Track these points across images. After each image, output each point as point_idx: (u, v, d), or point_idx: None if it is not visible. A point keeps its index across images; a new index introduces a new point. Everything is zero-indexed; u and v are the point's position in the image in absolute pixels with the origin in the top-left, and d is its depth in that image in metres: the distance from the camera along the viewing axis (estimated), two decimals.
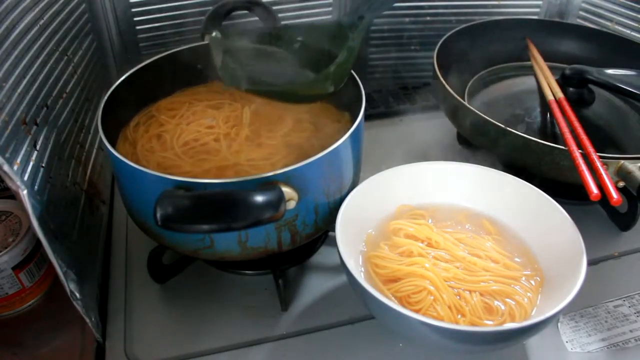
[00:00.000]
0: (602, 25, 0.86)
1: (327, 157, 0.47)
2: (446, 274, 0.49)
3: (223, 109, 0.63)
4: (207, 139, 0.58)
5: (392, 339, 0.52)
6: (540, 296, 0.48)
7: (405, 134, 0.82)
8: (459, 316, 0.46)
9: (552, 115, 0.63)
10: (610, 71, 0.64)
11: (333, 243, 0.49)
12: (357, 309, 0.55)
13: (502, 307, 0.47)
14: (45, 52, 0.55)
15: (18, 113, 0.46)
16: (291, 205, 0.45)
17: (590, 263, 0.56)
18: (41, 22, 0.55)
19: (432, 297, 0.47)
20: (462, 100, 0.63)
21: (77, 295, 0.48)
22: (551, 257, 0.50)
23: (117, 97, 0.56)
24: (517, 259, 0.51)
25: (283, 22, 0.73)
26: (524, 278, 0.49)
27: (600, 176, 0.51)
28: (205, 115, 0.61)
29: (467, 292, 0.48)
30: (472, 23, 0.78)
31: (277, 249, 0.51)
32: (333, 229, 0.49)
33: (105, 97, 0.54)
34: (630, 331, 0.53)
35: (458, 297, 0.47)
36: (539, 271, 0.50)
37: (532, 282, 0.49)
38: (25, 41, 0.51)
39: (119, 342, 0.53)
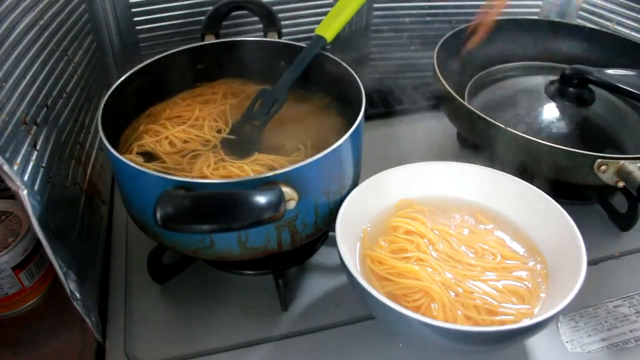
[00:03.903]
0: (602, 25, 0.86)
1: (327, 157, 0.47)
2: (446, 271, 0.49)
3: (224, 110, 0.63)
4: (207, 137, 0.58)
5: (392, 339, 0.52)
6: (543, 294, 0.48)
7: (405, 134, 0.82)
8: (459, 313, 0.46)
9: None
10: (610, 71, 0.64)
11: (333, 243, 0.49)
12: (357, 309, 0.55)
13: (503, 306, 0.47)
14: (45, 52, 0.55)
15: (18, 113, 0.46)
16: (291, 205, 0.45)
17: (590, 263, 0.56)
18: (41, 22, 0.55)
19: (430, 296, 0.47)
20: (462, 100, 0.63)
21: (77, 295, 0.48)
22: (551, 257, 0.50)
23: (117, 97, 0.56)
24: (520, 252, 0.51)
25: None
26: (526, 273, 0.49)
27: None
28: (205, 116, 0.62)
29: (467, 290, 0.48)
30: (472, 23, 0.78)
31: (277, 249, 0.51)
32: (333, 229, 0.49)
33: (105, 97, 0.54)
34: (630, 331, 0.53)
35: (457, 295, 0.47)
36: (543, 266, 0.50)
37: (539, 280, 0.49)
38: (25, 41, 0.51)
39: (119, 342, 0.53)
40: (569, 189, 0.59)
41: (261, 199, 0.41)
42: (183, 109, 0.63)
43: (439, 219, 0.55)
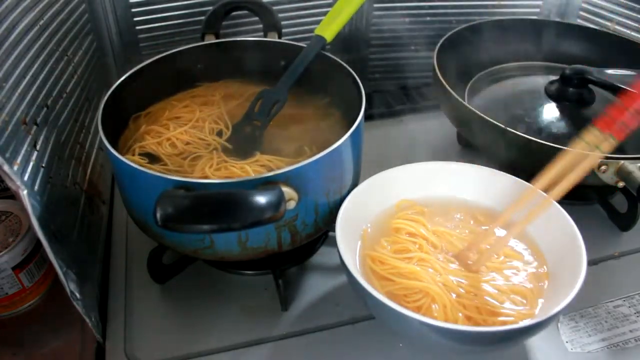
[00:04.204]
0: (602, 25, 0.86)
1: (327, 157, 0.47)
2: (447, 271, 0.49)
3: (224, 111, 0.63)
4: (208, 140, 0.58)
5: (392, 339, 0.52)
6: (543, 294, 0.48)
7: (405, 134, 0.82)
8: (460, 315, 0.46)
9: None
10: (610, 71, 0.64)
11: (333, 243, 0.49)
12: (357, 309, 0.55)
13: (504, 307, 0.47)
14: (45, 52, 0.55)
15: (18, 113, 0.46)
16: (291, 205, 0.45)
17: (590, 263, 0.56)
18: (41, 22, 0.55)
19: (431, 297, 0.47)
20: (462, 100, 0.63)
21: (77, 295, 0.48)
22: (551, 258, 0.50)
23: (117, 97, 0.56)
24: (520, 252, 0.51)
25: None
26: (526, 273, 0.49)
27: None
28: (205, 117, 0.62)
29: (468, 291, 0.48)
30: (472, 23, 0.78)
31: (277, 249, 0.51)
32: (333, 229, 0.49)
33: (105, 97, 0.54)
34: (630, 331, 0.53)
35: (458, 296, 0.47)
36: (543, 266, 0.50)
37: (539, 280, 0.49)
38: (25, 41, 0.51)
39: (119, 342, 0.53)
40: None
41: (261, 199, 0.41)
42: (183, 110, 0.63)
43: (439, 220, 0.55)
